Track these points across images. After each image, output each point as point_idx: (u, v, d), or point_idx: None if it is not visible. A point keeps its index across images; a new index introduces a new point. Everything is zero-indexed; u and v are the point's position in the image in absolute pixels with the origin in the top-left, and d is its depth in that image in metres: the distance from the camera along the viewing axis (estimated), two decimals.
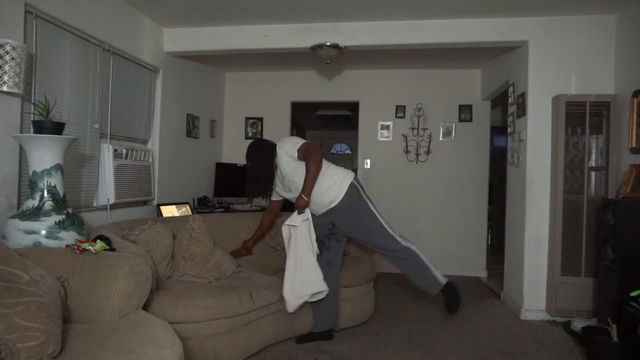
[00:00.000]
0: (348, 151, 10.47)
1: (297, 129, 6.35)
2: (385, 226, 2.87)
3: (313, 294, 2.74)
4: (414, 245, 2.90)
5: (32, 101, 2.53)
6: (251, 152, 2.93)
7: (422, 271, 2.89)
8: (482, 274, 5.13)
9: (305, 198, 2.73)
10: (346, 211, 2.84)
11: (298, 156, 2.76)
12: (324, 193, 2.81)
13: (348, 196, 2.81)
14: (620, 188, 3.11)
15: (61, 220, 2.19)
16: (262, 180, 2.91)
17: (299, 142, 2.80)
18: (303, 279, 2.72)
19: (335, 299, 2.99)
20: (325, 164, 2.86)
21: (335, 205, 2.82)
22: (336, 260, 3.00)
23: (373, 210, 2.87)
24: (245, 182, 3.01)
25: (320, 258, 2.88)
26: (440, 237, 5.18)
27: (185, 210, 4.10)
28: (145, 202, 3.82)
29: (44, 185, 2.19)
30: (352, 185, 2.84)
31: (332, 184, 2.81)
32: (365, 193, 2.92)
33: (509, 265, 4.01)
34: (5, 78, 2.23)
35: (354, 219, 2.87)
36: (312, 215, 2.83)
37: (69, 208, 2.29)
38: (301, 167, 2.79)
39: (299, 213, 2.78)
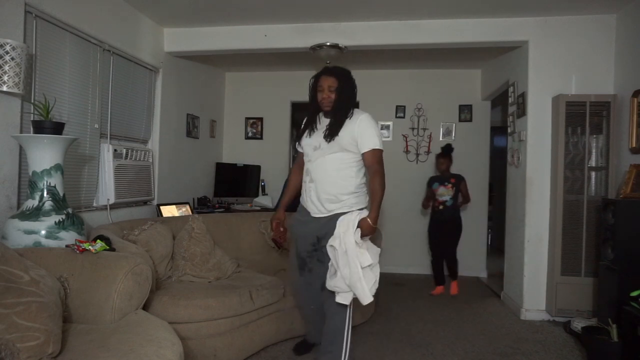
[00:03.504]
0: None
1: (297, 129, 6.33)
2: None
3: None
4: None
5: (32, 101, 2.53)
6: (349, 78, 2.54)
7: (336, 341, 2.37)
8: (482, 274, 5.13)
9: (372, 224, 2.30)
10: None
11: (363, 154, 2.39)
12: (342, 191, 2.40)
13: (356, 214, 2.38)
14: (620, 188, 3.11)
15: (61, 220, 2.19)
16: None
17: (377, 142, 2.38)
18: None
19: (322, 316, 2.54)
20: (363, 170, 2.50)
21: (337, 214, 2.37)
22: (317, 283, 2.48)
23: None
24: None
25: (299, 279, 2.58)
26: None
27: (185, 210, 4.10)
28: (145, 202, 3.82)
29: (43, 185, 2.20)
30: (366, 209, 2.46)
31: (359, 191, 2.45)
32: None
33: (509, 265, 4.01)
34: (5, 78, 2.23)
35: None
36: (304, 217, 2.51)
37: (69, 208, 2.29)
38: (350, 160, 2.41)
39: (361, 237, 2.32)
